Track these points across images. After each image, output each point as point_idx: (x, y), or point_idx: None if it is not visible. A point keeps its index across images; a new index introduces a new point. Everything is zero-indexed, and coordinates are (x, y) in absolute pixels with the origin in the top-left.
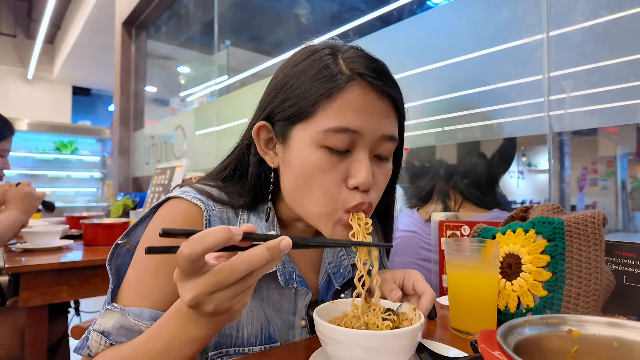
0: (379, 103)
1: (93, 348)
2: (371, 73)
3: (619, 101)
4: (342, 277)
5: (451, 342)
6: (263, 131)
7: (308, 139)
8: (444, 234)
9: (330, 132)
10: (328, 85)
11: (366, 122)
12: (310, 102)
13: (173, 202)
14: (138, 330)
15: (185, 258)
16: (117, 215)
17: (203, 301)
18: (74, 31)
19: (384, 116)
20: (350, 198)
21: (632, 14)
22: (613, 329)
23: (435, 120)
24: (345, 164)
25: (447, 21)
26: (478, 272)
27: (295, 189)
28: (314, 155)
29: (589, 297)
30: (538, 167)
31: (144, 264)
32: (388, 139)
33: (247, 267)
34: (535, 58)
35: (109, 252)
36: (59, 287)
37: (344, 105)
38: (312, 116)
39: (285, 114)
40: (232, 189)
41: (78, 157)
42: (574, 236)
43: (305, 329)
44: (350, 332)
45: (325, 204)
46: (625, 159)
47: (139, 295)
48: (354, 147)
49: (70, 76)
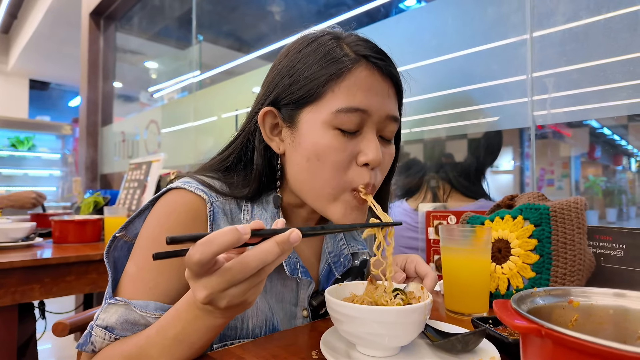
0: (383, 83)
1: (97, 344)
2: (375, 54)
3: (598, 102)
4: (342, 266)
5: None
6: (269, 117)
7: (319, 121)
8: (430, 223)
9: (342, 113)
10: (336, 66)
11: (374, 102)
12: (320, 82)
13: (175, 193)
14: (144, 323)
15: (195, 263)
16: (87, 212)
17: (216, 298)
18: (33, 21)
19: (388, 96)
20: (359, 176)
21: (607, 17)
22: (612, 299)
23: (425, 117)
24: (354, 143)
25: (433, 20)
26: (472, 256)
27: (307, 171)
28: (326, 136)
29: (573, 277)
30: (499, 168)
31: (144, 258)
32: (392, 120)
33: (258, 263)
34: (519, 57)
35: (106, 245)
36: (30, 286)
37: (353, 85)
38: (322, 98)
39: (293, 97)
40: (234, 179)
41: (36, 154)
42: (559, 221)
43: (307, 319)
44: (368, 309)
45: (335, 183)
46: (578, 160)
47: (142, 289)
48: (362, 127)
49: (27, 69)
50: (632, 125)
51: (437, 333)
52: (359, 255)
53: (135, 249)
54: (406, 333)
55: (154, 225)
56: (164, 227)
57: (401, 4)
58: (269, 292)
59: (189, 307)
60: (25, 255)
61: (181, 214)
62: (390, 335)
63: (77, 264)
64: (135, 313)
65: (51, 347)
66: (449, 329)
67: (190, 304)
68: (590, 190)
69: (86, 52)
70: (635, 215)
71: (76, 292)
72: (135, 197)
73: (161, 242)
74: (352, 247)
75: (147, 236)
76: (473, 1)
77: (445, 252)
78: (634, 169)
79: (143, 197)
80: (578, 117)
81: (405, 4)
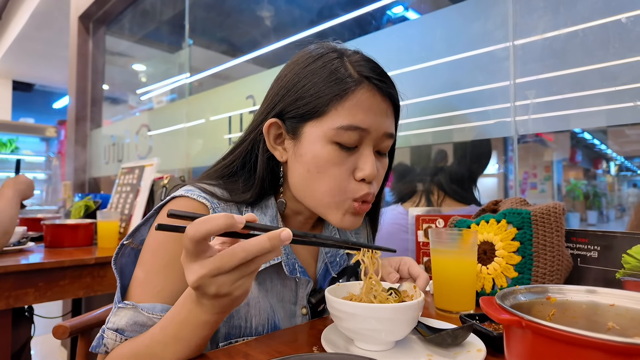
0: (382, 104)
1: (109, 345)
2: (377, 76)
3: (577, 108)
4: (338, 265)
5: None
6: (273, 128)
7: (321, 135)
8: (420, 227)
9: (343, 130)
10: (340, 86)
11: (373, 121)
12: (324, 101)
13: (178, 201)
14: (151, 324)
15: (189, 239)
16: (78, 216)
17: (205, 283)
18: (18, 22)
19: (387, 116)
20: (358, 188)
21: (583, 28)
22: (585, 295)
23: (416, 123)
24: (353, 158)
25: (423, 33)
26: (459, 258)
27: (307, 180)
28: (325, 149)
29: (552, 276)
30: (485, 171)
31: (152, 263)
32: (388, 137)
33: (246, 254)
34: (502, 65)
35: (114, 252)
36: (25, 290)
37: (354, 106)
38: (325, 114)
39: (298, 112)
40: (235, 185)
41: (19, 157)
42: (539, 224)
43: (307, 316)
44: (367, 306)
45: (336, 194)
46: (560, 164)
47: (149, 293)
48: (361, 143)
49: (10, 70)
50: (611, 130)
51: (429, 329)
52: (353, 254)
53: (142, 256)
54: (401, 328)
55: (159, 233)
56: (169, 234)
57: (389, 11)
58: (270, 291)
59: (184, 303)
60: (18, 259)
61: (183, 222)
62: (387, 331)
63: (72, 268)
64: (143, 315)
65: (35, 352)
66: (439, 325)
67: (185, 299)
68: (572, 193)
69: (75, 55)
70: (614, 218)
71: (70, 296)
72: (128, 201)
73: (166, 247)
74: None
75: (153, 243)
76: (459, 17)
77: (434, 254)
78: (613, 172)
79: (136, 201)
80: (558, 127)
81: (393, 11)
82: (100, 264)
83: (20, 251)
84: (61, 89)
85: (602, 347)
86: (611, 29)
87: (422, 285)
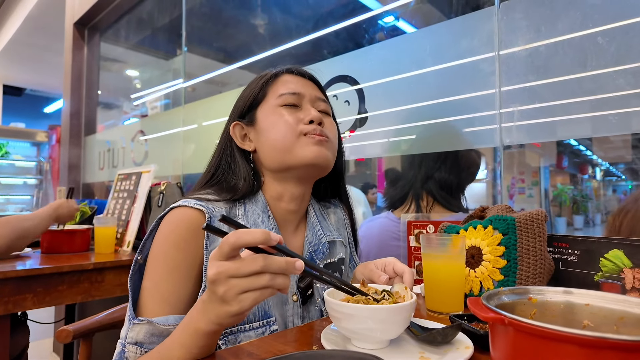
0: (304, 80)
1: (130, 358)
2: (296, 69)
3: (559, 115)
4: (321, 253)
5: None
6: (237, 128)
7: (270, 108)
8: (411, 232)
9: (284, 95)
10: (268, 76)
11: (302, 88)
12: (261, 87)
13: (177, 211)
14: (168, 334)
15: (229, 244)
16: (74, 222)
17: (219, 280)
18: (11, 28)
19: (311, 87)
20: (308, 127)
21: (566, 39)
22: (562, 295)
23: (408, 129)
24: (299, 113)
25: (414, 48)
26: (449, 261)
27: (271, 142)
28: (276, 113)
29: (536, 279)
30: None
31: (158, 271)
32: (321, 100)
33: (265, 264)
34: (488, 76)
35: (130, 270)
36: (23, 296)
37: (284, 81)
38: (266, 95)
39: (247, 104)
40: (225, 186)
41: (9, 161)
42: (523, 230)
43: (297, 302)
44: (363, 307)
45: (291, 135)
46: (547, 170)
47: (159, 300)
48: (301, 104)
49: (1, 74)
50: (596, 137)
51: (421, 328)
52: (336, 243)
53: (148, 267)
54: (395, 328)
55: (162, 242)
56: (171, 242)
57: (380, 21)
58: None
59: (190, 311)
60: (16, 265)
61: (183, 229)
62: (382, 330)
63: (70, 273)
64: (158, 327)
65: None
66: (430, 325)
67: (193, 308)
68: (559, 198)
69: (70, 61)
70: (600, 222)
71: (68, 301)
72: (125, 207)
73: (171, 255)
74: (329, 235)
75: (158, 252)
76: (448, 33)
77: (425, 258)
78: (599, 177)
79: (134, 207)
80: (543, 134)
81: (384, 20)
82: (98, 269)
83: (17, 257)
84: (52, 93)
85: (575, 340)
86: (587, 45)
87: (409, 279)
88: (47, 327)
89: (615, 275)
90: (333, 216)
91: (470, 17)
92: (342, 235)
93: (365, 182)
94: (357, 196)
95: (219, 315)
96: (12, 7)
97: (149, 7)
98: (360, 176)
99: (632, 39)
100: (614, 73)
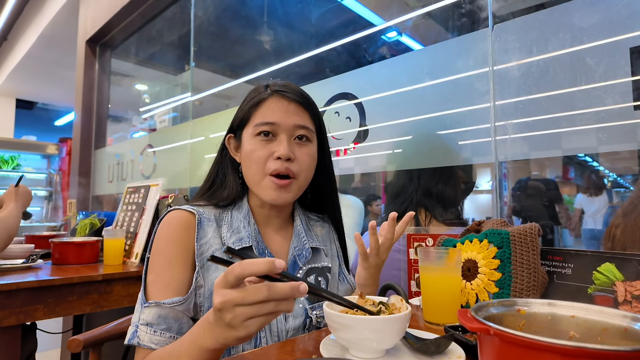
0: (290, 105)
1: (141, 336)
2: (283, 89)
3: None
4: (304, 257)
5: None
6: (231, 140)
7: (249, 134)
8: (411, 245)
9: (259, 125)
10: (256, 99)
11: (280, 117)
12: (248, 110)
13: (171, 213)
14: (172, 315)
15: (234, 275)
16: (83, 234)
17: (226, 308)
18: (25, 44)
19: (295, 113)
20: (273, 165)
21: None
22: (549, 307)
23: (402, 143)
24: (271, 145)
25: (412, 67)
26: (446, 274)
27: (247, 169)
28: (251, 142)
29: (529, 292)
30: (479, 187)
31: (158, 263)
32: (301, 127)
33: (269, 292)
34: (482, 91)
35: (144, 266)
36: (34, 306)
37: (266, 109)
38: (250, 120)
39: (237, 123)
40: (217, 193)
41: (20, 173)
42: (517, 244)
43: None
44: (361, 318)
45: (258, 173)
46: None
47: (162, 286)
48: (276, 134)
49: (14, 89)
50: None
51: (416, 338)
52: (320, 251)
53: (150, 261)
54: (390, 338)
55: (159, 239)
56: (167, 238)
57: (383, 36)
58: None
59: (198, 326)
60: (29, 276)
61: (176, 226)
62: (378, 340)
63: (80, 284)
64: (164, 308)
65: None
66: (426, 335)
67: (202, 322)
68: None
69: (81, 77)
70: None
71: (77, 311)
72: (133, 220)
73: (167, 249)
74: (312, 242)
75: (156, 248)
76: (444, 53)
77: (423, 271)
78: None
79: (142, 219)
80: (537, 149)
81: (388, 36)
82: (107, 281)
83: (28, 268)
84: (63, 107)
85: (557, 350)
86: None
87: (404, 220)
88: (55, 338)
89: (608, 288)
90: (320, 229)
91: (465, 38)
92: (327, 248)
93: (370, 194)
94: (355, 204)
95: (227, 338)
96: (27, 24)
97: (158, 25)
98: (364, 188)
99: (618, 59)
100: (602, 88)
